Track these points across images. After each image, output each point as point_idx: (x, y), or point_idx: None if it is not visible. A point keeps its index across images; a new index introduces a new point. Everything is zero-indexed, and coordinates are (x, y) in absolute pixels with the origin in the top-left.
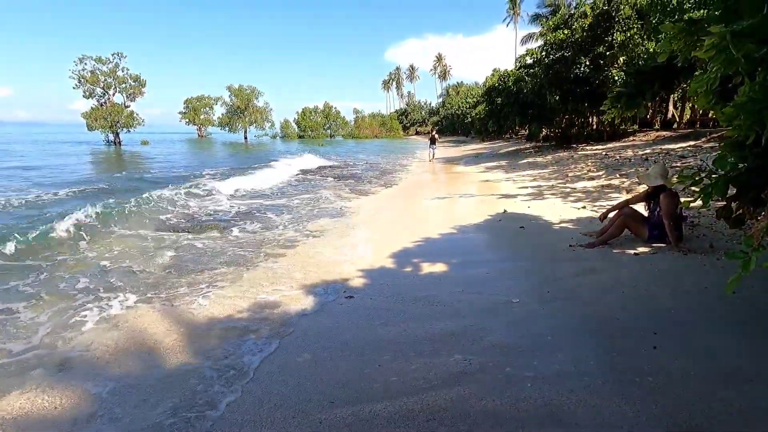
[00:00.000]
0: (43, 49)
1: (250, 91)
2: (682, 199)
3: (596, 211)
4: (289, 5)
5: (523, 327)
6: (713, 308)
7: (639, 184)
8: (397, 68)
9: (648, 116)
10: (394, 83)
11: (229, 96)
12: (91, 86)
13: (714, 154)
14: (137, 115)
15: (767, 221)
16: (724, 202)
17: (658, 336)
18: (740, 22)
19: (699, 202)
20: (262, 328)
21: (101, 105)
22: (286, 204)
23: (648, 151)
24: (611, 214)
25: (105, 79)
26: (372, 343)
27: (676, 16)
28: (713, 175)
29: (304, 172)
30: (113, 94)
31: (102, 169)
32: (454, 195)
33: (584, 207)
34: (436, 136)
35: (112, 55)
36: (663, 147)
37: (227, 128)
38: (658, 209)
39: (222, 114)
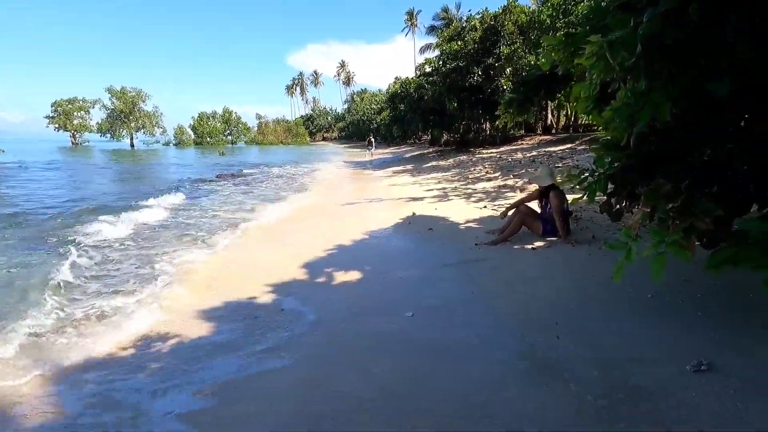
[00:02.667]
0: None
1: (135, 94)
2: (570, 197)
3: (496, 210)
4: (179, 6)
5: (454, 329)
6: (600, 294)
7: (530, 183)
8: (301, 74)
9: (532, 122)
10: (299, 88)
11: (110, 99)
12: None
13: (586, 155)
14: None
15: (641, 214)
16: (605, 198)
17: (560, 326)
18: (614, 33)
19: (585, 199)
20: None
21: None
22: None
23: (534, 153)
24: (510, 212)
25: None
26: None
27: (551, 33)
28: (595, 174)
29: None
30: None
31: None
32: (364, 200)
33: (485, 207)
34: (372, 140)
35: None
36: (546, 149)
37: (109, 135)
38: (549, 206)
39: (101, 119)
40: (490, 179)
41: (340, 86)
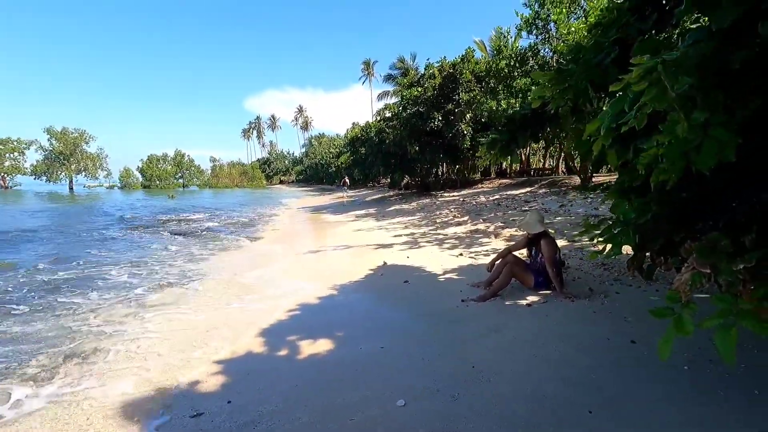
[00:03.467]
0: None
1: (77, 135)
2: (591, 250)
3: (474, 258)
4: (130, 47)
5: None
6: (627, 366)
7: (503, 228)
8: (258, 117)
9: (488, 165)
10: (255, 132)
11: (49, 140)
12: None
13: (549, 199)
14: None
15: (690, 274)
16: (632, 252)
17: (596, 416)
18: (671, 52)
19: (606, 253)
20: None
21: None
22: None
23: (497, 196)
24: (497, 263)
25: None
26: None
27: (507, 82)
28: (618, 224)
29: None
30: None
31: None
32: (328, 248)
33: (461, 254)
34: (347, 181)
35: None
36: (508, 193)
37: (44, 177)
38: (540, 256)
39: (37, 161)
40: (459, 223)
41: (298, 131)
